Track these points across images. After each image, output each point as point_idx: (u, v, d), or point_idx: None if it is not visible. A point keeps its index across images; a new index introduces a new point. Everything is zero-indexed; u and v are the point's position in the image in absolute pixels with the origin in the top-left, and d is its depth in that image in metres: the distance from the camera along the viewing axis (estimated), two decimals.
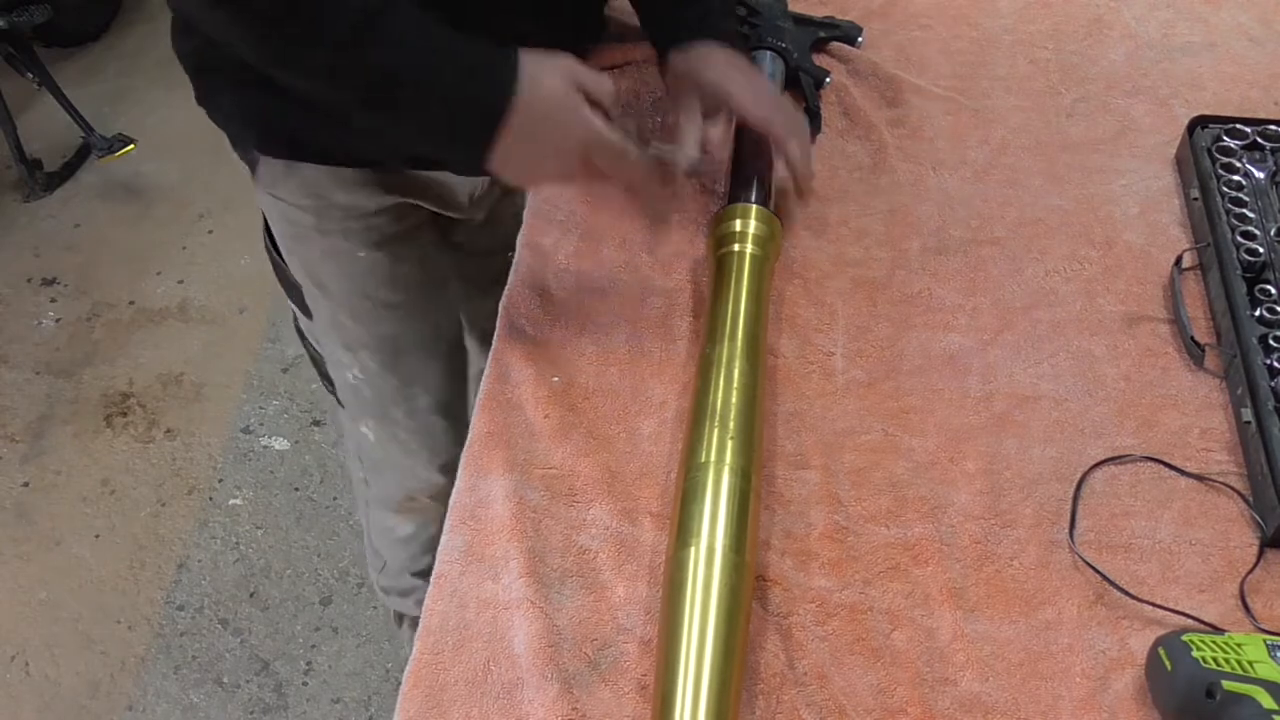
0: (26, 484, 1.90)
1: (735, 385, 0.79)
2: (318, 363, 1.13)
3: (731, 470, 0.74)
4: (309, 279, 1.02)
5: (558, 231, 0.98)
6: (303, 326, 1.11)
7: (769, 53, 1.08)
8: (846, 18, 1.17)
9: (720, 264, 0.89)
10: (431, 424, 1.11)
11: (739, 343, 0.82)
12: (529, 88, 0.75)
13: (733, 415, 0.77)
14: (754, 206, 0.91)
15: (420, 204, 1.00)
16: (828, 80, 1.10)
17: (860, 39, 1.15)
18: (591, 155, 0.79)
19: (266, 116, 0.91)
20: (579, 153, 0.78)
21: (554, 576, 0.75)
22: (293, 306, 1.09)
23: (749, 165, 0.96)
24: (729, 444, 0.76)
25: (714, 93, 0.93)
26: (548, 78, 0.77)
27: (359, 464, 1.22)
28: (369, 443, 1.15)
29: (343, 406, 1.14)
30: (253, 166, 0.95)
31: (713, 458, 0.75)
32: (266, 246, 1.05)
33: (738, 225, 0.90)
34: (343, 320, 1.04)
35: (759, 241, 0.90)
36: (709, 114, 0.94)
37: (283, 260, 1.03)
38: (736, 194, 0.94)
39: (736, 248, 0.89)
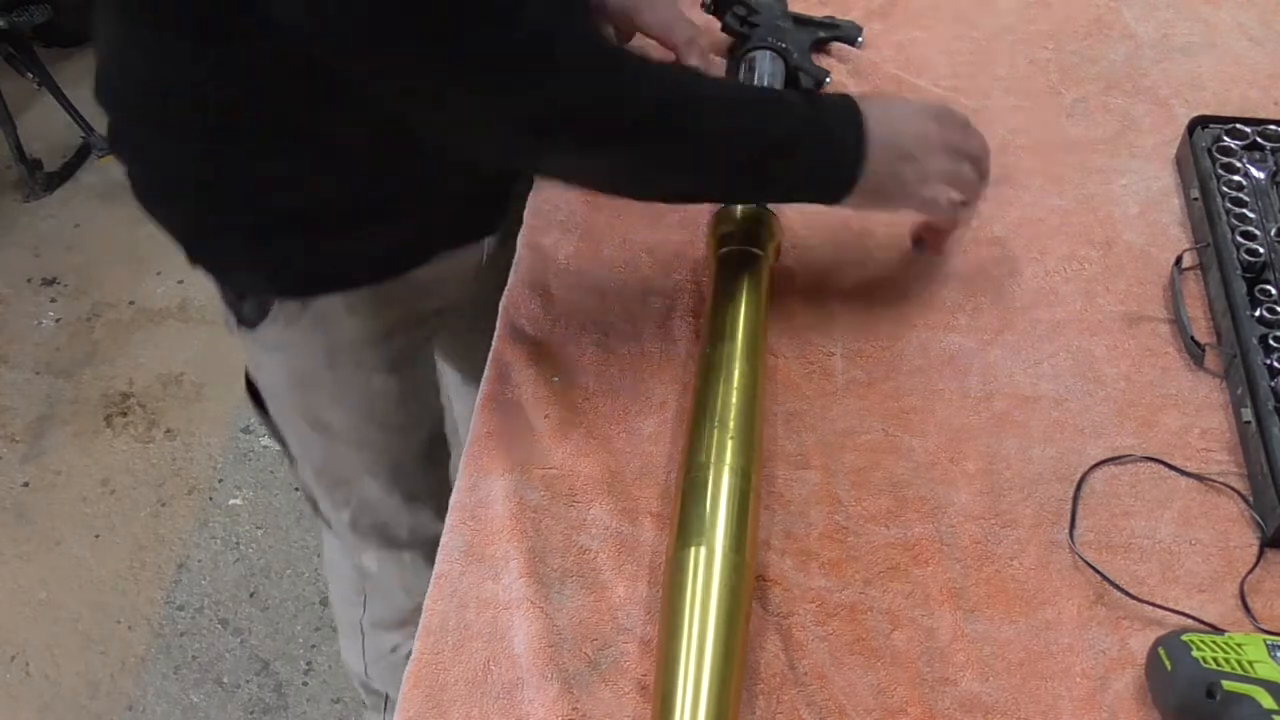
0: (26, 484, 1.90)
1: (735, 385, 0.79)
2: (311, 502, 1.10)
3: (731, 470, 0.74)
4: (308, 424, 0.98)
5: (558, 231, 0.98)
6: (292, 470, 1.08)
7: (768, 52, 1.08)
8: (847, 18, 1.17)
9: (720, 264, 0.89)
10: (435, 531, 1.09)
11: (739, 343, 0.82)
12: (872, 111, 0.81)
13: (733, 415, 0.77)
14: (753, 206, 0.91)
15: (428, 306, 0.97)
16: (827, 80, 1.09)
17: (860, 39, 1.15)
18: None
19: (285, 257, 0.86)
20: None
21: (554, 576, 0.75)
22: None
23: None
24: (729, 444, 0.75)
25: (620, 14, 1.00)
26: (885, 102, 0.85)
27: (355, 591, 1.18)
28: (370, 572, 1.12)
29: (338, 540, 1.12)
30: (256, 318, 0.89)
31: (713, 458, 0.75)
32: (252, 404, 1.01)
33: (737, 225, 0.90)
34: (345, 455, 1.01)
35: (759, 241, 0.90)
36: (623, 39, 1.02)
37: (268, 415, 1.00)
38: None
39: (736, 248, 0.89)
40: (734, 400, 0.78)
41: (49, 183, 2.43)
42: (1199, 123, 1.01)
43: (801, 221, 0.99)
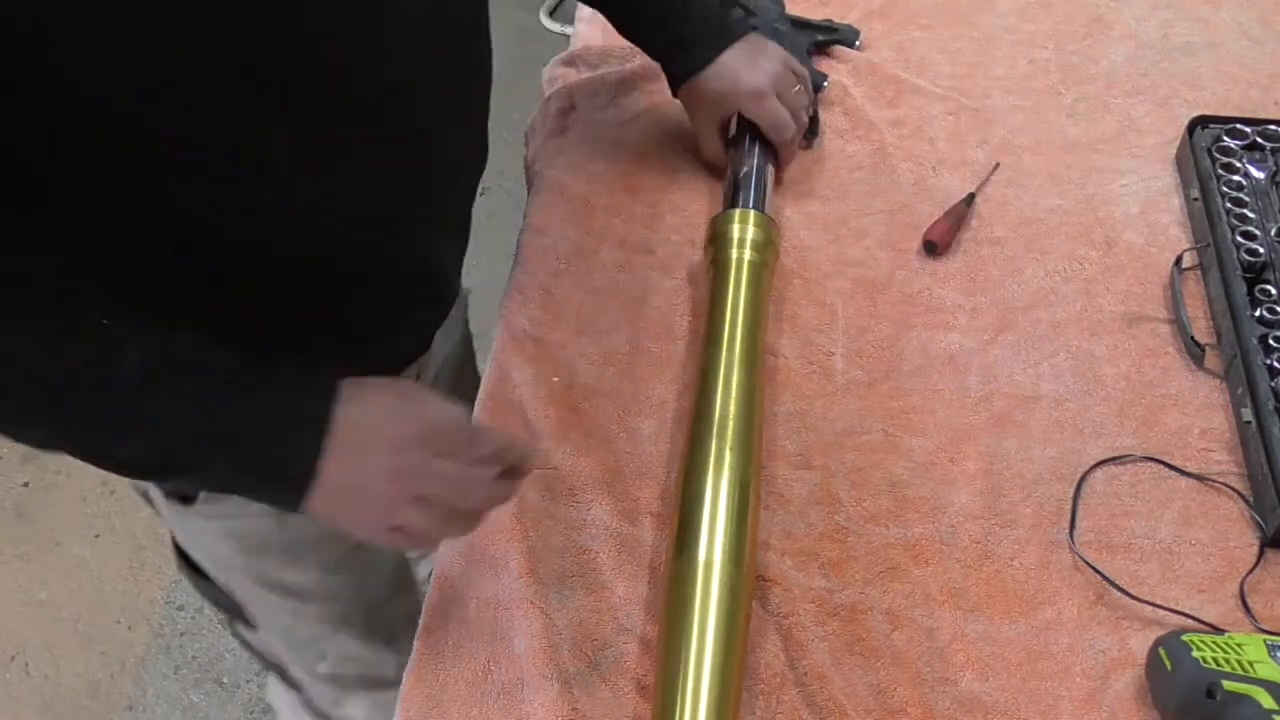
0: (26, 484, 1.89)
1: (733, 395, 0.78)
2: (275, 668, 1.00)
3: (730, 482, 0.73)
4: (265, 587, 0.89)
5: (557, 231, 0.98)
6: (248, 639, 0.97)
7: None
8: (847, 19, 1.17)
9: (718, 270, 0.88)
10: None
11: (737, 350, 0.81)
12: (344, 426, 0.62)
13: (730, 425, 0.76)
14: (752, 211, 0.90)
15: None
16: (825, 84, 1.09)
17: (858, 43, 1.14)
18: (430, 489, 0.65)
19: None
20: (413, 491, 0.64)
21: (554, 576, 0.75)
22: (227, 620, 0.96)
23: (746, 167, 0.96)
24: (727, 455, 0.74)
25: (723, 104, 0.96)
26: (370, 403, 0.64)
27: None
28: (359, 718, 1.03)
29: (306, 699, 1.02)
30: (192, 493, 0.81)
31: (710, 468, 0.74)
32: (188, 576, 0.92)
33: (736, 231, 0.89)
34: (311, 610, 0.91)
35: (757, 247, 0.88)
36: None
37: (213, 582, 0.90)
38: (734, 197, 0.93)
39: (734, 254, 0.88)
40: (732, 410, 0.77)
41: None
42: (1199, 123, 1.01)
43: (801, 221, 0.99)
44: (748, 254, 0.88)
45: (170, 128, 0.57)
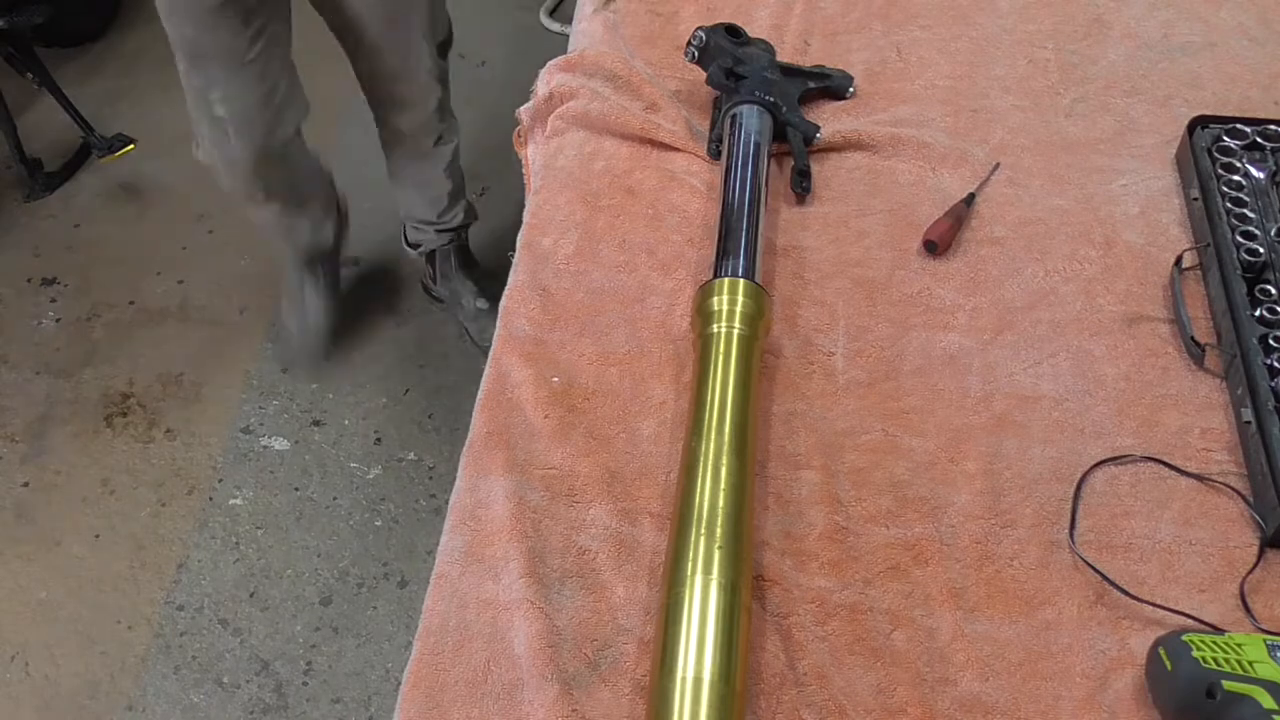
0: (26, 484, 1.89)
1: (723, 486, 0.74)
2: None
3: (720, 586, 0.69)
4: None
5: (557, 231, 0.98)
6: None
7: (755, 107, 1.01)
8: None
9: (704, 345, 0.83)
10: None
11: (726, 437, 0.77)
12: None
13: (720, 521, 0.72)
14: (741, 281, 0.85)
15: None
16: (818, 136, 1.03)
17: (851, 90, 1.10)
18: None
19: None
20: None
21: (554, 577, 0.75)
22: None
23: (735, 232, 0.90)
24: (716, 554, 0.70)
25: None
26: None
27: None
28: None
29: None
30: None
31: (699, 570, 0.70)
32: None
33: (725, 303, 0.84)
34: None
35: (747, 319, 0.83)
36: None
37: None
38: (722, 265, 0.88)
39: (722, 328, 0.83)
40: (721, 504, 0.73)
41: (49, 183, 2.43)
42: (1199, 123, 1.01)
43: (801, 221, 0.99)
44: (737, 328, 0.83)
45: None
